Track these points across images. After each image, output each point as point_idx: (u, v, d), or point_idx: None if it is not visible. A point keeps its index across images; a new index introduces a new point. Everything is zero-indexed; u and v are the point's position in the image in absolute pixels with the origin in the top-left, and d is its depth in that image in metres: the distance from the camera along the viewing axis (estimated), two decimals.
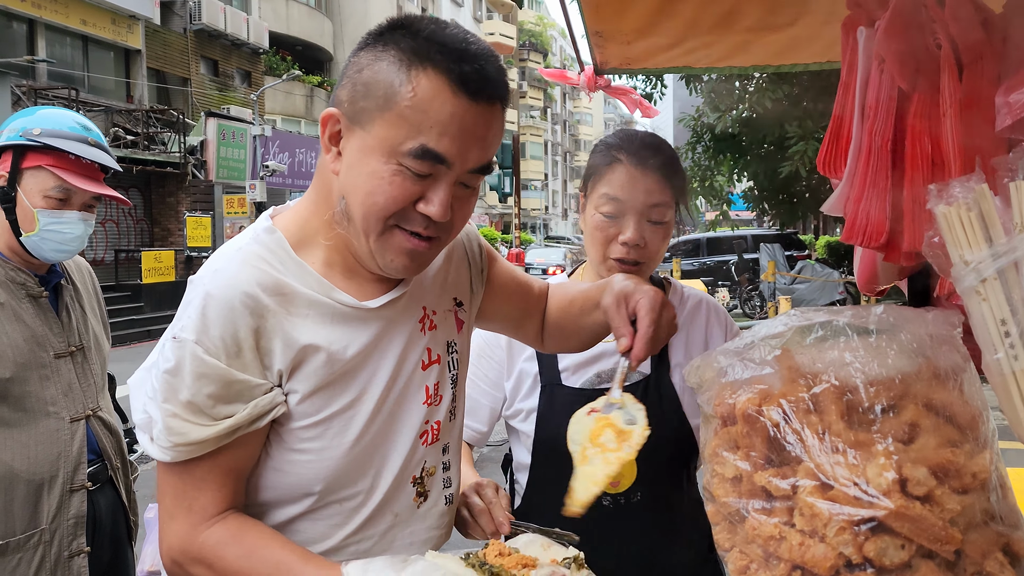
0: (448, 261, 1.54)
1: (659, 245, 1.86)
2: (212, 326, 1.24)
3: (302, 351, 1.28)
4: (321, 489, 1.34)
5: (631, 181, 1.81)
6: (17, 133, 2.23)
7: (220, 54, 26.98)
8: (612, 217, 1.83)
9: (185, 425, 1.23)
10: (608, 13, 2.52)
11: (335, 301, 1.32)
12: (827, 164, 1.63)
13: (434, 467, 1.47)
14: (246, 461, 1.31)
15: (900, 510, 1.03)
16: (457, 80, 1.20)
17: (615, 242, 1.83)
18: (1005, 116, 1.31)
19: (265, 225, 1.37)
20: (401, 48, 1.22)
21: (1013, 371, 1.07)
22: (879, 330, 1.13)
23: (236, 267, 1.29)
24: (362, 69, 1.25)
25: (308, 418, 1.31)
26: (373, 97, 1.22)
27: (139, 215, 22.35)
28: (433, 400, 1.45)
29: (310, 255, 1.34)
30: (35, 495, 2.19)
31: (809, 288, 16.30)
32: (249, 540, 1.26)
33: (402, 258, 1.28)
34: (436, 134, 1.20)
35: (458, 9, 54.62)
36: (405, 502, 1.43)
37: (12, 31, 19.54)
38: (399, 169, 1.21)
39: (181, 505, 1.28)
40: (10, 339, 2.16)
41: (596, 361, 1.92)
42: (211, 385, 1.23)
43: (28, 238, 2.22)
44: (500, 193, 15.64)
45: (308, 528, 1.36)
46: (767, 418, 1.13)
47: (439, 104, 1.19)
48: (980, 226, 1.08)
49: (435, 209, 1.23)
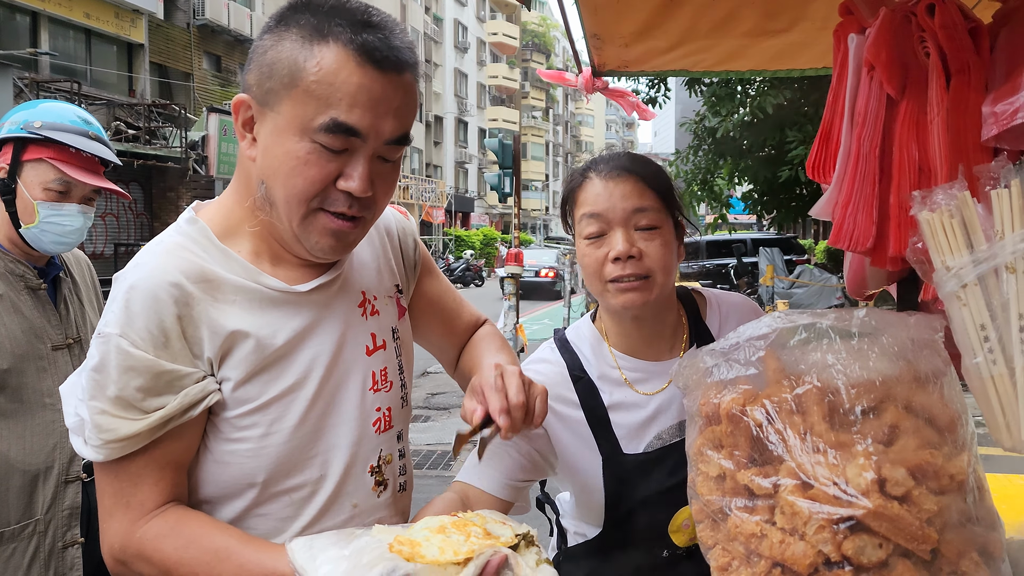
0: (383, 247, 1.54)
1: (658, 254, 1.63)
2: (137, 318, 1.23)
3: (230, 337, 1.27)
4: (264, 479, 1.32)
5: (605, 190, 1.65)
6: (18, 126, 2.24)
7: (223, 49, 27.02)
8: (598, 236, 1.65)
9: (114, 421, 1.22)
10: (606, 16, 2.54)
11: (263, 286, 1.31)
12: (816, 169, 1.65)
13: (390, 455, 1.47)
14: (183, 453, 1.29)
15: (878, 509, 1.05)
16: (361, 50, 1.19)
17: (607, 262, 1.63)
18: (991, 126, 1.33)
19: (188, 216, 1.36)
20: (302, 25, 1.21)
21: (991, 375, 1.10)
22: (861, 333, 1.15)
23: (158, 258, 1.28)
24: (266, 51, 1.24)
25: (243, 405, 1.29)
26: (279, 77, 1.21)
27: (139, 209, 22.38)
28: (381, 386, 1.44)
29: (236, 244, 1.33)
30: (30, 486, 2.20)
31: (807, 293, 16.31)
32: (187, 530, 1.23)
33: (327, 239, 1.28)
34: (346, 106, 1.19)
35: (462, 8, 54.67)
36: (363, 491, 1.41)
37: (15, 23, 19.56)
38: (313, 147, 1.20)
39: (119, 503, 1.26)
40: (8, 330, 2.17)
41: (653, 419, 1.72)
42: (139, 378, 1.22)
43: (28, 230, 2.24)
44: (500, 193, 15.59)
45: (258, 524, 1.34)
46: (751, 418, 1.15)
47: (345, 76, 1.18)
48: (962, 233, 1.10)
49: (355, 184, 1.22)
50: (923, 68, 1.42)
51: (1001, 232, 1.07)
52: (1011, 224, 1.06)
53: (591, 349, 1.78)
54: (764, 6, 2.41)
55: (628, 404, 1.72)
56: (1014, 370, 1.09)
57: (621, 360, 1.75)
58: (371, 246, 1.51)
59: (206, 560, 1.21)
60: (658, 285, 1.64)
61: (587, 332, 1.81)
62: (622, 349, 1.76)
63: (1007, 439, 1.12)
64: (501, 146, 15.44)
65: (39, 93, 17.72)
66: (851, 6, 1.57)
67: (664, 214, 1.67)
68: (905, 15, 1.43)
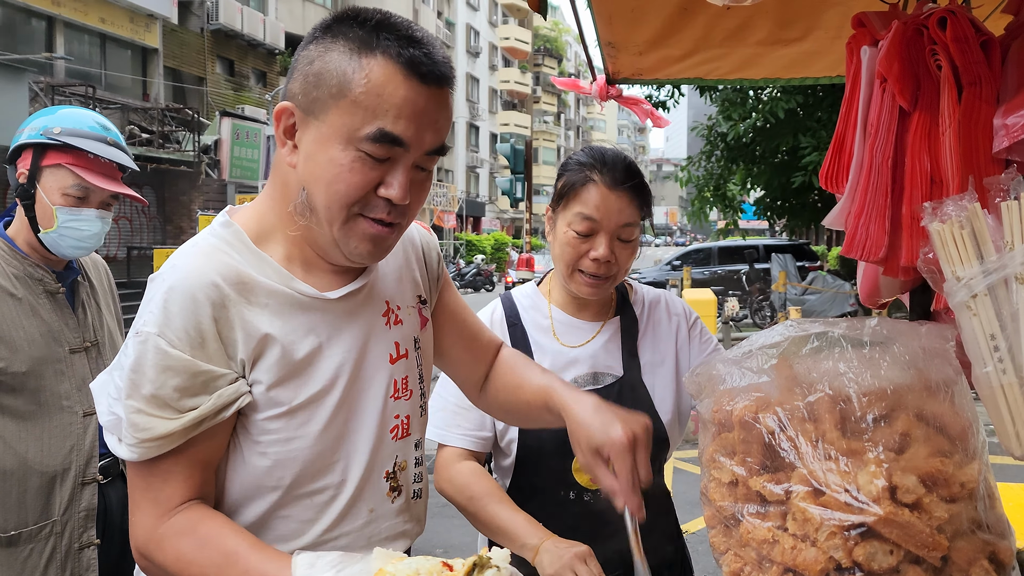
0: (407, 258, 1.57)
1: (627, 260, 1.94)
2: (175, 318, 1.25)
3: (262, 341, 1.29)
4: (289, 482, 1.34)
5: (605, 201, 1.87)
6: (38, 132, 2.27)
7: (236, 54, 27.15)
8: (585, 235, 1.89)
9: (150, 420, 1.23)
10: (621, 25, 2.56)
11: (294, 291, 1.33)
12: (829, 179, 1.66)
13: (405, 461, 1.49)
14: (213, 452, 1.31)
15: (889, 516, 1.07)
16: (407, 65, 1.23)
17: (586, 257, 1.90)
18: (1003, 138, 1.34)
19: (223, 220, 1.38)
20: (350, 38, 1.25)
21: (1001, 384, 1.11)
22: (873, 342, 1.17)
23: (196, 260, 1.31)
24: (312, 61, 1.27)
25: (273, 408, 1.31)
26: (326, 87, 1.24)
27: (152, 212, 22.49)
28: (402, 394, 1.47)
29: (269, 248, 1.36)
30: (48, 487, 2.23)
31: (820, 299, 16.24)
32: (203, 530, 1.25)
33: (366, 244, 1.31)
34: (392, 117, 1.23)
35: (474, 13, 54.73)
36: (379, 497, 1.44)
37: (31, 28, 19.72)
38: (358, 155, 1.24)
39: (147, 497, 1.28)
40: (27, 333, 2.20)
41: (572, 366, 1.99)
42: (176, 377, 1.24)
43: (47, 234, 2.27)
44: (512, 198, 15.61)
45: (280, 526, 1.36)
46: (763, 425, 1.17)
47: (392, 88, 1.22)
48: (972, 244, 1.11)
49: (396, 192, 1.26)
50: (935, 80, 1.44)
51: (1011, 243, 1.08)
52: (1020, 235, 1.07)
53: (530, 304, 2.10)
54: (777, 16, 2.43)
55: (550, 350, 2.02)
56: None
57: (555, 314, 2.07)
58: (395, 257, 1.53)
59: (217, 562, 1.23)
60: (616, 281, 1.98)
61: (530, 291, 2.14)
62: (559, 306, 2.08)
63: (1017, 448, 1.14)
64: (513, 151, 15.48)
65: (54, 97, 17.85)
66: (864, 19, 1.58)
67: (639, 225, 1.94)
68: (917, 28, 1.45)
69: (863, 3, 1.81)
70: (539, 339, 2.04)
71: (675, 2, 2.37)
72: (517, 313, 2.08)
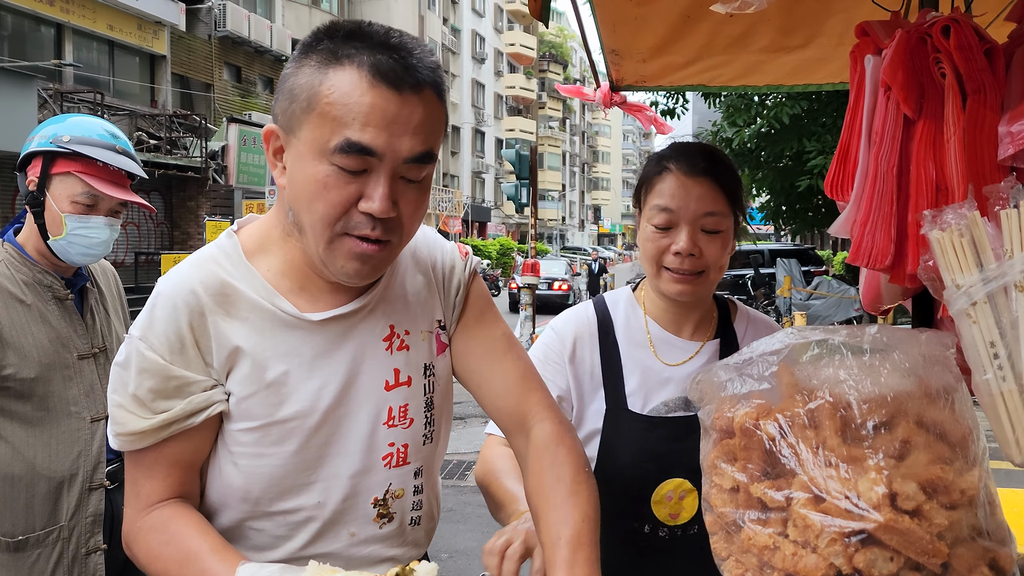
0: (427, 281, 1.50)
1: (717, 254, 1.76)
2: (157, 323, 1.29)
3: (233, 353, 1.30)
4: (257, 496, 1.34)
5: (682, 189, 1.74)
6: (47, 140, 2.29)
7: (243, 60, 27.27)
8: (664, 228, 1.75)
9: (127, 416, 1.29)
10: (624, 33, 2.57)
11: (276, 308, 1.32)
12: (835, 187, 1.67)
13: (402, 490, 1.44)
14: (191, 454, 1.33)
15: (889, 523, 1.07)
16: (373, 71, 1.19)
17: (667, 252, 1.75)
18: (1008, 146, 1.34)
19: (228, 231, 1.40)
20: (320, 51, 1.23)
21: (1001, 391, 1.11)
22: (873, 349, 1.17)
23: (188, 267, 1.34)
24: (287, 79, 1.26)
25: (245, 421, 1.32)
26: (298, 102, 1.22)
27: (159, 218, 22.58)
28: (399, 422, 1.42)
29: (263, 263, 1.35)
30: (55, 492, 2.24)
31: (825, 304, 16.20)
32: (173, 527, 1.29)
33: (353, 263, 1.27)
34: (359, 126, 1.19)
35: (479, 19, 54.86)
36: (363, 522, 1.41)
37: (40, 35, 19.83)
38: (331, 169, 1.20)
39: (132, 491, 1.34)
40: (35, 340, 2.22)
41: (663, 387, 1.83)
42: (151, 379, 1.28)
43: (55, 242, 2.28)
44: (517, 203, 15.61)
45: (253, 536, 1.38)
46: (764, 432, 1.18)
47: (357, 96, 1.19)
48: (972, 251, 1.12)
49: (376, 204, 1.21)
50: (939, 88, 1.44)
51: (1010, 251, 1.09)
52: (1020, 243, 1.08)
53: (624, 313, 1.91)
54: (780, 23, 2.43)
55: (645, 366, 1.84)
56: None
57: (652, 327, 1.88)
58: (411, 279, 1.48)
59: (178, 559, 1.26)
60: (710, 280, 1.79)
61: (624, 298, 1.95)
62: (655, 319, 1.89)
63: (1017, 455, 1.14)
64: (518, 157, 15.50)
65: (63, 104, 17.95)
66: (867, 28, 1.59)
67: (728, 216, 1.78)
68: (920, 36, 1.45)
69: (865, 10, 1.81)
70: (633, 352, 1.86)
71: (678, 10, 2.38)
72: (610, 322, 1.90)
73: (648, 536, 1.78)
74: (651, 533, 1.78)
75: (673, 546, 1.78)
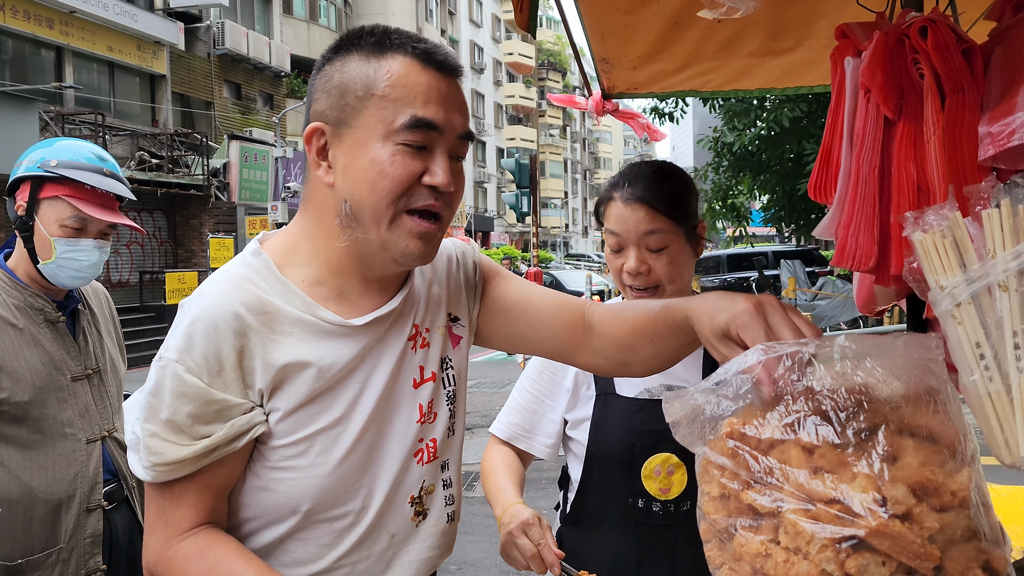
0: (436, 276, 1.56)
1: (666, 270, 1.90)
2: (196, 346, 1.27)
3: (284, 369, 1.30)
4: (308, 508, 1.34)
5: (622, 215, 1.91)
6: (35, 164, 2.29)
7: (243, 78, 27.38)
8: (617, 250, 1.94)
9: (164, 445, 1.25)
10: (613, 41, 2.58)
11: (319, 319, 1.34)
12: (818, 190, 1.67)
13: (433, 485, 1.48)
14: (225, 479, 1.32)
15: (880, 528, 1.06)
16: (422, 57, 1.31)
17: (623, 271, 1.93)
18: (988, 146, 1.33)
19: (253, 248, 1.40)
20: (362, 46, 1.32)
21: (988, 392, 1.10)
22: (843, 358, 1.16)
23: (222, 288, 1.32)
24: (332, 77, 1.33)
25: (290, 436, 1.32)
26: (352, 93, 1.30)
27: (163, 237, 22.64)
28: (427, 418, 1.46)
29: (296, 275, 1.37)
30: (53, 514, 2.24)
31: (830, 304, 16.18)
32: (212, 555, 1.26)
33: (416, 242, 1.32)
34: (421, 103, 1.28)
35: (477, 30, 55.01)
36: (402, 521, 1.43)
37: (40, 58, 19.94)
38: (397, 148, 1.28)
39: (160, 519, 1.30)
40: (29, 363, 2.22)
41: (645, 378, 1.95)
42: (190, 404, 1.25)
43: (45, 265, 2.29)
44: (518, 213, 15.64)
45: (297, 548, 1.37)
46: (748, 444, 1.17)
47: (414, 77, 1.29)
48: (954, 252, 1.11)
49: (441, 178, 1.30)
50: (918, 89, 1.44)
51: (992, 251, 1.08)
52: (1002, 243, 1.07)
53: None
54: (769, 27, 2.44)
55: None
56: (1010, 387, 1.09)
57: None
58: (423, 278, 1.53)
59: None
60: (668, 292, 1.92)
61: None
62: None
63: (1007, 455, 1.13)
64: (518, 166, 15.52)
65: (64, 126, 18.04)
66: (847, 30, 1.59)
67: (673, 233, 1.90)
68: (898, 37, 1.45)
69: (852, 13, 1.82)
70: None
71: (666, 17, 2.38)
72: None
73: (644, 511, 1.89)
74: (645, 508, 1.90)
75: (669, 523, 1.88)
